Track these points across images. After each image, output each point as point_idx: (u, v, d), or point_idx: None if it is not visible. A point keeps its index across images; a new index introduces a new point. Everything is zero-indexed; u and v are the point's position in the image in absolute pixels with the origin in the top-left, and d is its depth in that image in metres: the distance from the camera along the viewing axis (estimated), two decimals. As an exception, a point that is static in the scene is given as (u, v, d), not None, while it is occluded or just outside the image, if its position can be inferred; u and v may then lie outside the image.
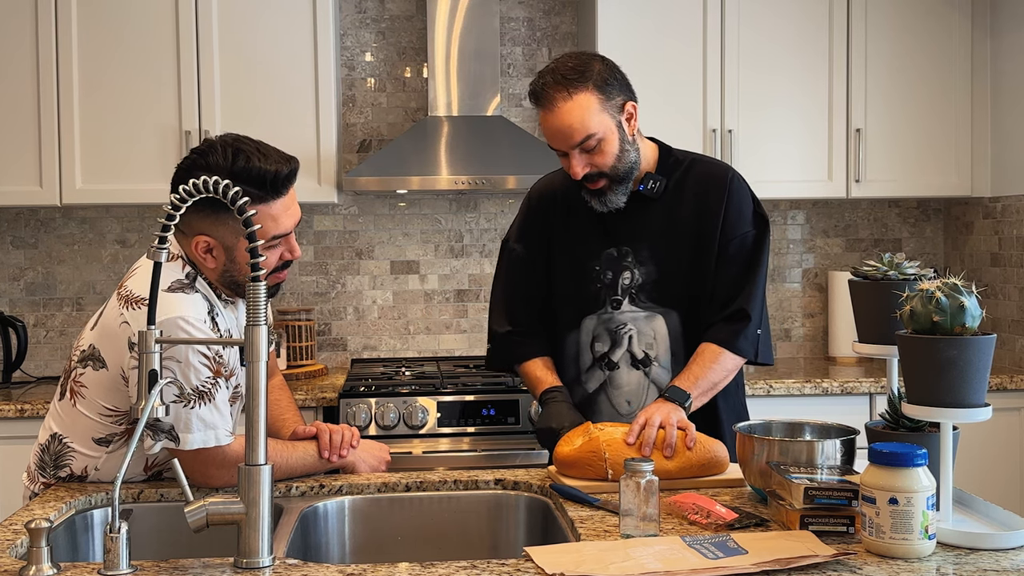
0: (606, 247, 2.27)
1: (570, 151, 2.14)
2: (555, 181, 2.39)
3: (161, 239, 1.52)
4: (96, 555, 1.89)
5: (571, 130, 2.11)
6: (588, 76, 2.12)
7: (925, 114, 3.76)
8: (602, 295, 2.27)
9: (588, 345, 2.29)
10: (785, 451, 1.77)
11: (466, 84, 3.75)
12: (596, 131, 2.11)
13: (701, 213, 2.23)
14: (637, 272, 2.24)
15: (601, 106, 2.12)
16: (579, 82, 2.11)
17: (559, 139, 2.14)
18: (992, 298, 3.82)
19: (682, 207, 2.24)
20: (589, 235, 2.28)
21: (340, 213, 4.00)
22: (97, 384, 1.94)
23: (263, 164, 1.87)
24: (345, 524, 1.98)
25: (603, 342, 2.27)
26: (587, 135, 2.11)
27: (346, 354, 4.01)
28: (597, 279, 2.27)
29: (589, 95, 2.11)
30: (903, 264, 1.80)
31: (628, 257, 2.25)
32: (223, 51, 3.54)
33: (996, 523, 1.65)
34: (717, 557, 1.48)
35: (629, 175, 2.19)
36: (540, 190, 2.41)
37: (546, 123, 2.14)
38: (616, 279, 2.26)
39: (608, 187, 2.18)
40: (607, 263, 2.27)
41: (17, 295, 3.90)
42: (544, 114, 2.14)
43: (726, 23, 3.67)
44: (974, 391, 1.55)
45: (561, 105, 2.10)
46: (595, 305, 2.27)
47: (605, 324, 2.27)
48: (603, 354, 2.27)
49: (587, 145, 2.12)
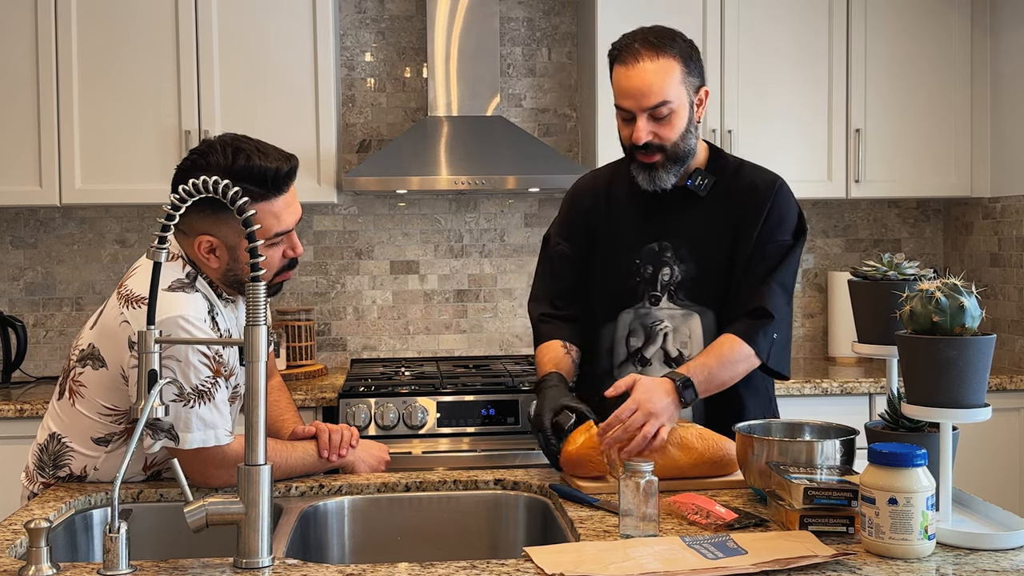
0: (648, 241, 2.25)
1: (639, 114, 2.12)
2: (599, 176, 2.39)
3: (161, 239, 1.52)
4: (95, 555, 1.89)
5: (650, 91, 2.09)
6: (676, 45, 2.13)
7: (925, 114, 3.76)
8: (640, 289, 2.25)
9: (623, 339, 2.27)
10: (785, 451, 1.77)
11: (466, 84, 3.74)
12: (672, 99, 2.11)
13: (744, 216, 2.21)
14: (677, 269, 2.23)
15: (682, 77, 2.13)
16: (668, 47, 2.12)
17: (634, 97, 2.11)
18: (992, 298, 3.82)
19: (727, 209, 2.22)
20: (631, 228, 2.27)
21: (340, 213, 4.00)
22: (96, 383, 1.94)
23: (263, 162, 1.88)
24: (345, 524, 1.98)
25: (638, 337, 2.26)
26: (663, 100, 2.10)
27: (346, 354, 4.01)
28: (637, 273, 2.25)
29: (674, 62, 2.12)
30: (903, 264, 1.80)
31: (668, 252, 2.24)
32: (223, 51, 3.54)
33: (996, 523, 1.65)
34: (717, 557, 1.48)
35: (685, 158, 2.18)
36: (584, 185, 2.41)
37: (625, 79, 2.12)
38: (656, 274, 2.24)
39: (661, 164, 2.16)
40: (647, 257, 2.25)
41: (17, 295, 3.89)
42: (624, 70, 2.12)
43: (726, 24, 3.67)
44: (974, 391, 1.55)
45: (646, 63, 2.10)
46: (633, 299, 2.26)
47: (641, 319, 2.25)
48: (637, 349, 2.26)
49: (659, 112, 2.11)
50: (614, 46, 2.17)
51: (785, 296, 2.18)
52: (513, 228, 4.05)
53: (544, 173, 3.55)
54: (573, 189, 2.43)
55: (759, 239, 2.19)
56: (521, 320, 4.03)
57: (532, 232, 4.04)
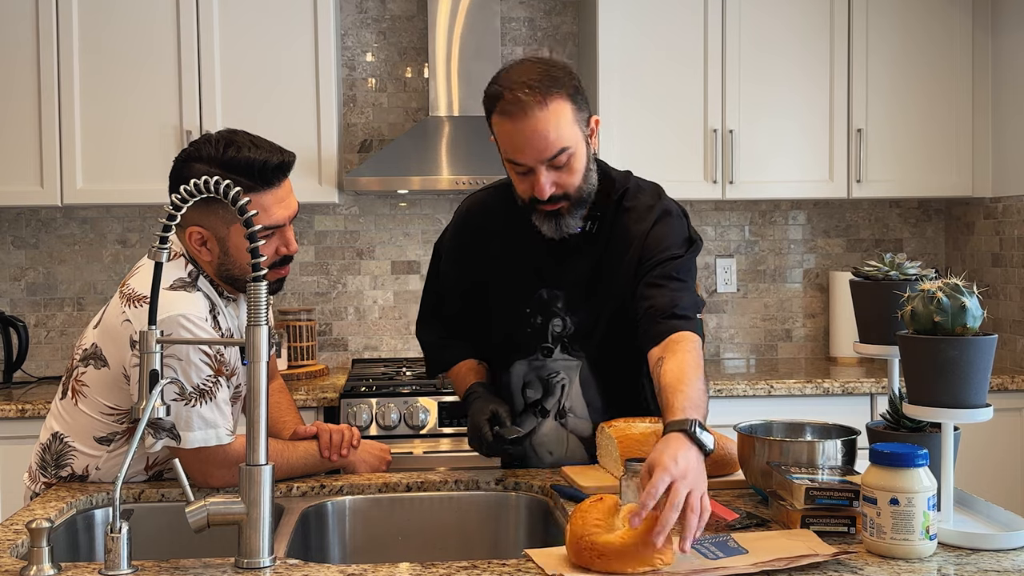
0: (536, 288, 2.09)
1: (538, 167, 1.90)
2: (492, 207, 2.16)
3: (162, 239, 1.52)
4: (97, 555, 1.89)
5: (545, 142, 1.87)
6: (560, 82, 1.89)
7: (926, 114, 3.76)
8: (533, 341, 2.11)
9: (519, 391, 2.15)
10: (786, 451, 1.77)
11: (467, 84, 3.74)
12: (570, 144, 1.89)
13: (622, 253, 2.03)
14: (569, 320, 2.09)
15: (574, 116, 1.91)
16: (554, 88, 1.87)
17: (529, 152, 1.89)
18: (993, 298, 3.82)
19: (611, 249, 2.05)
20: (522, 274, 2.10)
21: (341, 213, 4.00)
22: (99, 383, 1.94)
23: (253, 154, 1.88)
24: (346, 524, 1.98)
25: (535, 389, 2.13)
26: (561, 148, 1.88)
27: (347, 354, 4.01)
28: (527, 323, 2.10)
29: (564, 103, 1.89)
30: (904, 264, 1.80)
31: (559, 302, 2.09)
32: (224, 51, 3.55)
33: (997, 524, 1.65)
34: (717, 557, 1.48)
35: (589, 197, 2.00)
36: (477, 213, 2.18)
37: (515, 134, 1.88)
38: (547, 324, 2.09)
39: (566, 210, 1.97)
40: (537, 307, 2.10)
41: (18, 295, 3.90)
42: (510, 123, 1.88)
43: (727, 23, 3.67)
44: (975, 391, 1.55)
45: (536, 113, 1.86)
46: (526, 350, 2.12)
47: (537, 371, 2.13)
48: (536, 400, 2.14)
49: (558, 160, 1.90)
50: (489, 94, 1.92)
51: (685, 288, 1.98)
52: (514, 228, 4.04)
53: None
54: (465, 216, 2.20)
55: (642, 261, 2.00)
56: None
57: (533, 232, 4.03)
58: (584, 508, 1.50)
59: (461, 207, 2.23)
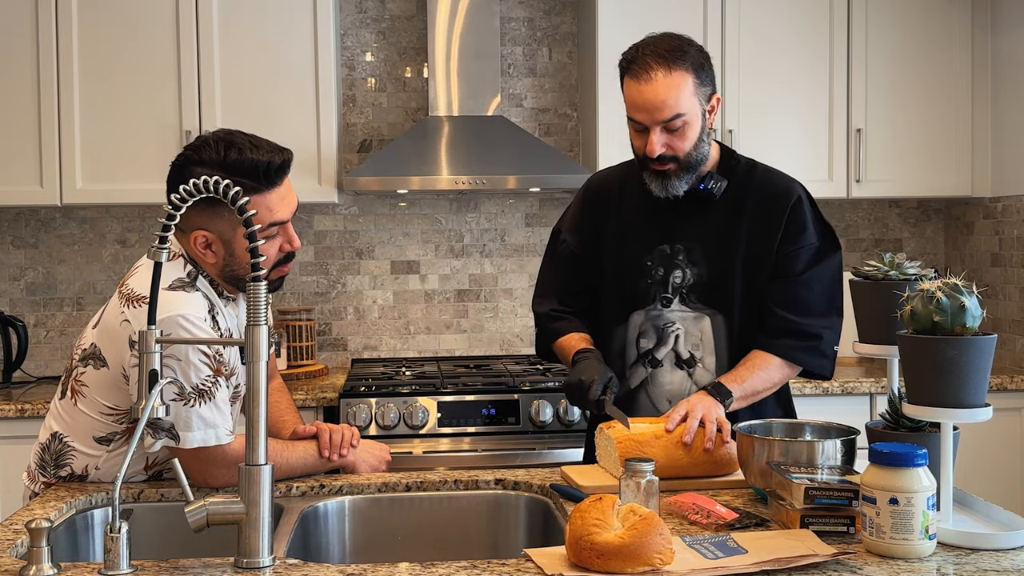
0: (659, 243, 2.25)
1: (653, 127, 2.12)
2: (612, 175, 2.39)
3: (161, 239, 1.52)
4: (96, 555, 1.89)
5: (663, 105, 2.09)
6: (688, 57, 2.12)
7: (926, 114, 3.76)
8: (652, 291, 2.26)
9: (634, 341, 2.27)
10: (785, 451, 1.77)
11: (466, 84, 3.75)
12: (686, 112, 2.11)
13: (759, 222, 2.22)
14: (689, 272, 2.24)
15: (695, 89, 2.12)
16: (680, 60, 2.10)
17: (647, 111, 2.11)
18: (992, 298, 3.82)
19: (741, 212, 2.23)
20: (643, 230, 2.27)
21: (340, 213, 4.00)
22: (98, 383, 1.94)
23: (255, 155, 1.88)
24: (345, 524, 1.98)
25: (649, 339, 2.26)
26: (677, 113, 2.10)
27: (346, 354, 4.01)
28: (648, 275, 2.26)
29: (687, 74, 2.11)
30: (904, 264, 1.80)
31: (680, 255, 2.24)
32: (224, 50, 3.55)
33: (996, 523, 1.65)
34: (717, 557, 1.48)
35: (698, 165, 2.18)
36: (596, 183, 2.41)
37: (637, 94, 2.11)
38: (667, 276, 2.25)
39: (674, 172, 2.16)
40: (659, 259, 2.25)
41: (17, 295, 3.90)
42: (636, 84, 2.11)
43: (726, 23, 3.67)
44: (974, 391, 1.55)
45: (658, 77, 2.09)
46: (644, 301, 2.26)
47: (653, 321, 2.26)
48: (648, 351, 2.26)
49: (672, 124, 2.11)
50: (625, 58, 2.16)
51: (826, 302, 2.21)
52: (514, 228, 4.05)
53: (545, 173, 3.55)
54: (586, 186, 2.42)
55: (780, 247, 2.21)
56: (522, 320, 4.03)
57: (533, 232, 4.04)
58: (583, 508, 1.51)
59: (584, 184, 2.44)
